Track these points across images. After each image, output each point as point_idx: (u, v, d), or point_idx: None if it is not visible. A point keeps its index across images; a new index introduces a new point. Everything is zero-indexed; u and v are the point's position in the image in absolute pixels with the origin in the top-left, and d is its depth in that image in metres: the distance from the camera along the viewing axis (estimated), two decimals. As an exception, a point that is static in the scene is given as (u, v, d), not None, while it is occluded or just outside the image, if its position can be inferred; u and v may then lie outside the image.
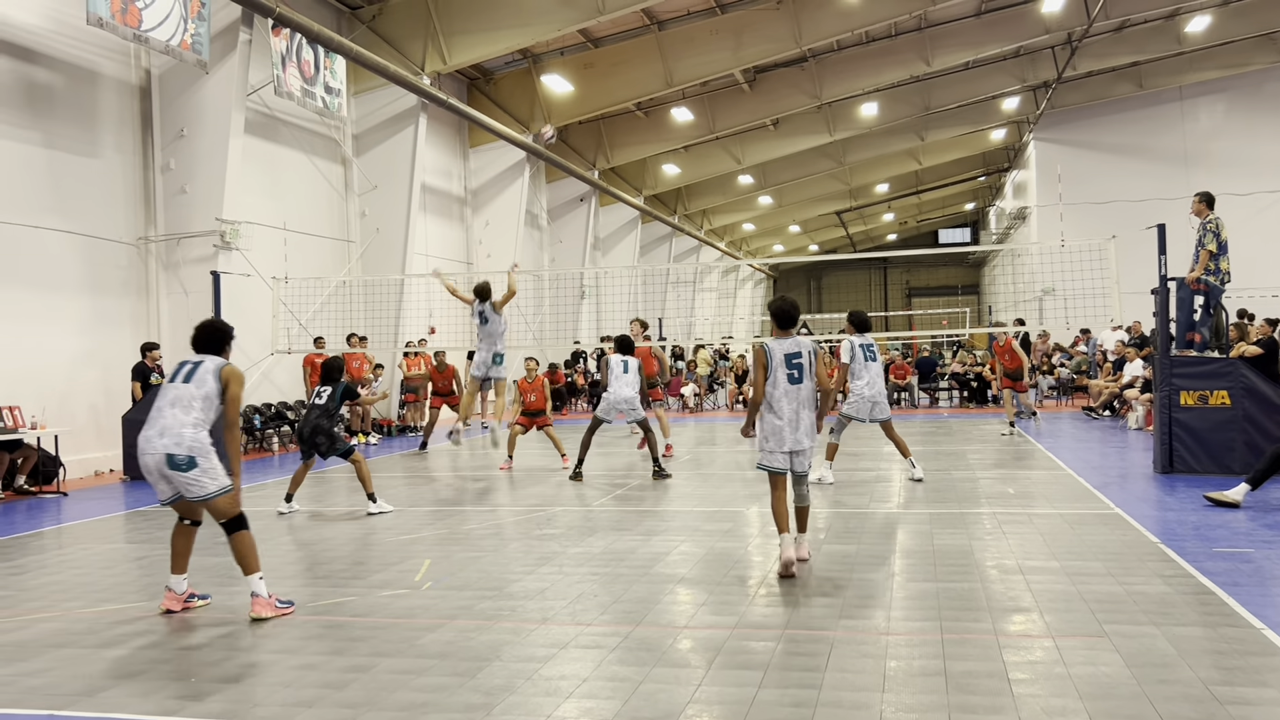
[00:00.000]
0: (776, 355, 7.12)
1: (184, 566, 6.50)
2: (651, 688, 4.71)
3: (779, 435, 7.10)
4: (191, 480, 6.19)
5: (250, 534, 6.36)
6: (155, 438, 6.20)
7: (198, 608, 6.50)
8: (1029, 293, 33.01)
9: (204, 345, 6.58)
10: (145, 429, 6.29)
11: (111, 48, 14.80)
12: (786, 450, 7.12)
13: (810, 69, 27.56)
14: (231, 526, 6.32)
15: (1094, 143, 34.16)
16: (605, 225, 35.02)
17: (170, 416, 6.24)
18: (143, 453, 6.22)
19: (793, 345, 7.17)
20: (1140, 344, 19.56)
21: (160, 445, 6.17)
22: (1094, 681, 4.63)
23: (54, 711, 4.65)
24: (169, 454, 6.14)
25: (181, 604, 6.45)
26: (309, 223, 19.20)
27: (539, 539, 8.55)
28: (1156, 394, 11.75)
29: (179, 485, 6.23)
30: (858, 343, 11.24)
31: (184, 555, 6.50)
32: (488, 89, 25.39)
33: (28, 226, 13.49)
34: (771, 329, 7.39)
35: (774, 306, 7.38)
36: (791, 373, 7.10)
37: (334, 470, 14.01)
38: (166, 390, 6.39)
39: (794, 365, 7.11)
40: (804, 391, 7.15)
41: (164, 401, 6.33)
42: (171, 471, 6.18)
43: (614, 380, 12.44)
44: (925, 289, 63.54)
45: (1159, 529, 8.19)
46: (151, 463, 6.21)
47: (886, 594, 6.33)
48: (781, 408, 7.11)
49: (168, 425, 6.21)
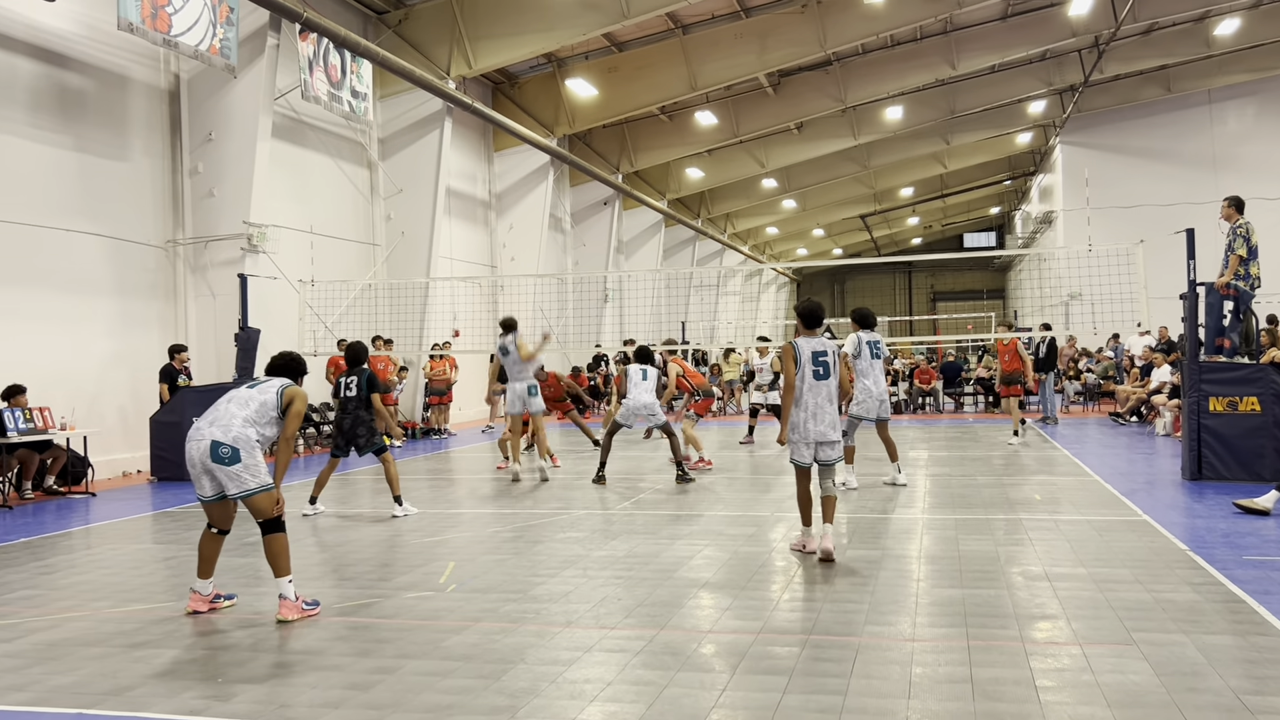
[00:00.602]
0: (804, 352, 7.66)
1: (210, 572, 6.54)
2: (676, 692, 4.71)
3: (803, 429, 7.66)
4: (233, 475, 6.22)
5: (285, 537, 6.37)
6: (205, 425, 6.30)
7: (224, 608, 6.55)
8: (1055, 298, 32.79)
9: (277, 372, 6.80)
10: (198, 421, 6.42)
11: (141, 52, 14.95)
12: (811, 441, 7.66)
13: (835, 72, 27.50)
14: (268, 527, 6.34)
15: (1121, 146, 33.93)
16: (628, 229, 35.06)
17: (224, 410, 6.38)
18: (190, 440, 6.31)
19: (819, 344, 7.72)
20: (1168, 349, 19.39)
21: (209, 433, 6.23)
22: (1122, 690, 4.59)
23: (82, 710, 4.69)
24: (214, 441, 6.19)
25: (208, 605, 6.49)
26: (335, 226, 19.32)
27: (562, 542, 8.56)
28: (1185, 400, 11.64)
29: (222, 480, 6.25)
30: (865, 339, 11.12)
31: (211, 561, 6.54)
32: (512, 93, 25.47)
33: (59, 229, 13.64)
34: (797, 329, 7.89)
35: (801, 307, 7.90)
36: (817, 369, 7.64)
37: (358, 472, 14.08)
38: (229, 394, 6.55)
39: (819, 363, 7.66)
40: (828, 387, 7.69)
41: (222, 400, 6.50)
42: (214, 465, 6.20)
43: (633, 388, 12.48)
44: (950, 293, 63.27)
45: (1188, 536, 8.11)
46: (196, 452, 6.26)
47: (911, 600, 6.30)
48: (805, 401, 7.66)
49: (219, 416, 6.34)
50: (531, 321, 24.83)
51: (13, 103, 13.04)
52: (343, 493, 12.19)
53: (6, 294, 12.90)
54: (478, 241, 25.35)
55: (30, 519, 10.83)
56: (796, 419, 7.66)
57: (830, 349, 7.71)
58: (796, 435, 7.67)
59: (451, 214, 23.20)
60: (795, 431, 7.67)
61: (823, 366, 7.63)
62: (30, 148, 13.28)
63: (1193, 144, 32.97)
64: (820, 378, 7.62)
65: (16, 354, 12.86)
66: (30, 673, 5.28)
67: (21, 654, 5.63)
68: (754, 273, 51.72)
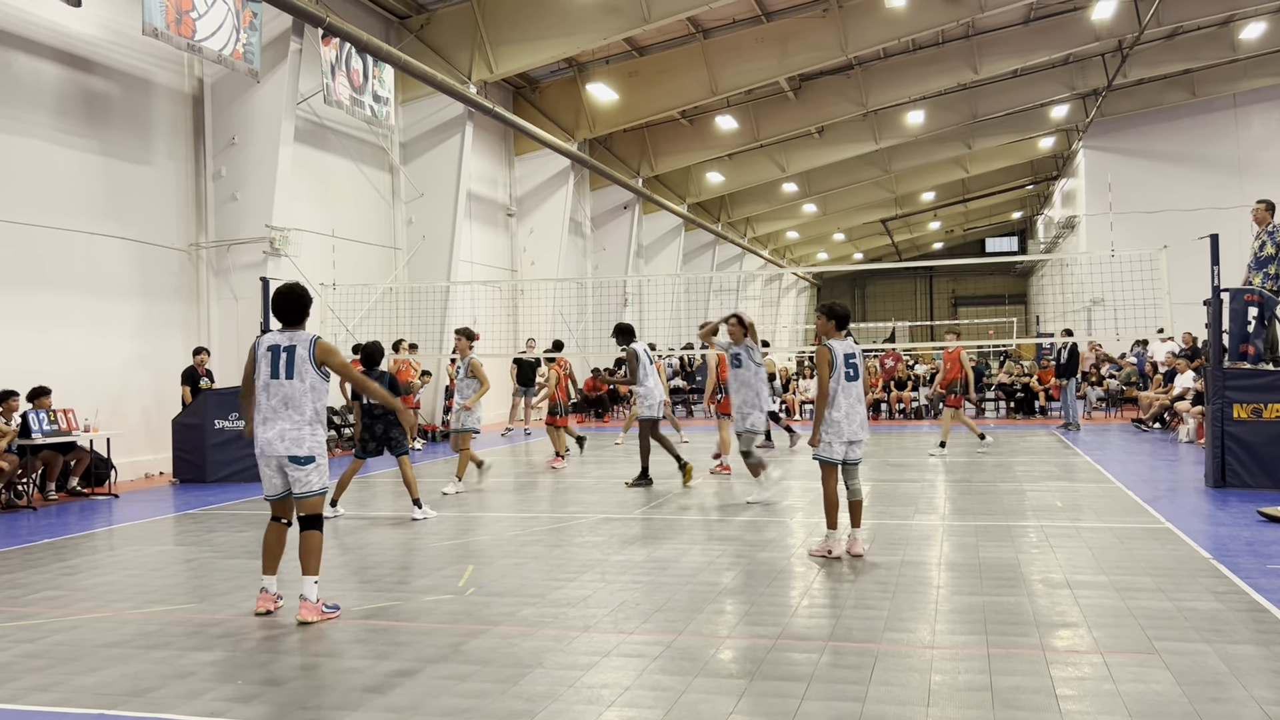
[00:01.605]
0: (839, 354, 7.87)
1: (275, 567, 6.60)
2: (693, 698, 4.70)
3: (837, 427, 7.86)
4: (304, 476, 6.39)
5: (322, 536, 6.47)
6: (276, 441, 6.33)
7: (331, 619, 6.39)
8: (1077, 303, 32.59)
9: (288, 315, 6.53)
10: (263, 429, 6.39)
11: (166, 57, 15.07)
12: (845, 440, 7.89)
13: (856, 76, 27.44)
14: (311, 524, 6.45)
15: (1145, 151, 33.69)
16: (648, 233, 35.07)
17: (287, 419, 6.36)
18: (263, 455, 6.40)
19: (849, 346, 7.95)
20: (1192, 355, 19.25)
21: (282, 449, 6.33)
22: (1144, 699, 4.55)
23: (104, 711, 4.72)
24: (292, 456, 6.34)
25: (274, 604, 6.52)
26: (357, 230, 19.41)
27: (581, 546, 8.56)
28: (1209, 406, 11.55)
29: (292, 479, 6.41)
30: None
31: (277, 556, 6.59)
32: (533, 97, 25.53)
33: (84, 233, 13.77)
34: (820, 329, 8.08)
35: (836, 308, 8.10)
36: (849, 370, 7.88)
37: (377, 475, 14.14)
38: (274, 389, 6.39)
39: (850, 364, 7.91)
40: (858, 388, 7.96)
41: (275, 401, 6.38)
42: (293, 465, 6.37)
43: (649, 377, 12.50)
44: (971, 298, 62.96)
45: (1211, 544, 8.04)
46: (274, 462, 6.41)
47: (931, 607, 6.27)
48: (839, 402, 7.86)
49: (285, 430, 6.34)
50: (550, 325, 24.87)
51: (39, 107, 13.17)
52: (362, 495, 12.24)
53: (32, 296, 13.02)
54: (498, 245, 25.41)
55: (54, 520, 10.92)
56: (832, 420, 7.86)
57: (858, 351, 8.01)
58: (832, 434, 7.87)
59: (472, 218, 23.27)
60: (831, 430, 7.87)
61: (853, 368, 7.92)
62: (57, 152, 13.41)
63: (1217, 148, 32.71)
64: (851, 379, 7.90)
65: (41, 356, 12.97)
66: (53, 673, 5.32)
67: (45, 654, 5.67)
68: (774, 277, 51.61)
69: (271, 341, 6.47)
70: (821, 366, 7.83)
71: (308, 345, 6.41)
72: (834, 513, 7.97)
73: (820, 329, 8.13)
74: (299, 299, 6.53)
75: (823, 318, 8.09)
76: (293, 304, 6.51)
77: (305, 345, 6.40)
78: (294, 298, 6.52)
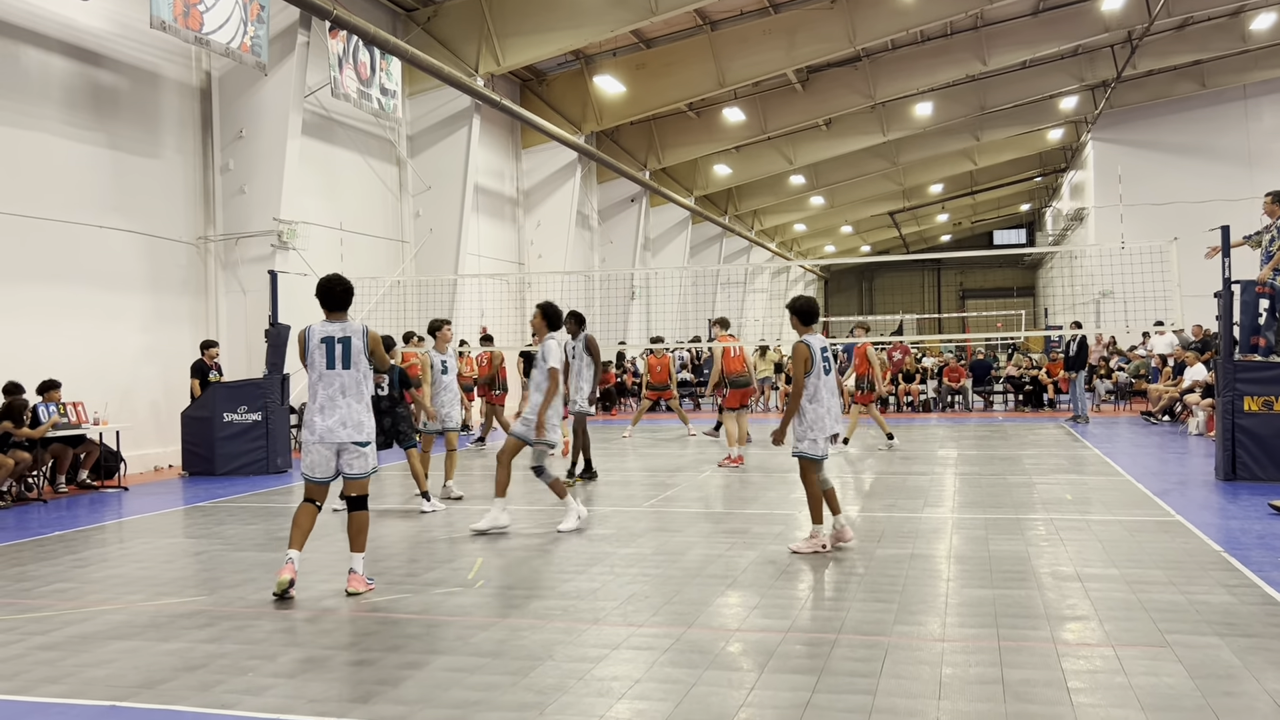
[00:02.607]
0: (816, 349, 7.87)
1: (302, 544, 6.79)
2: (703, 690, 4.70)
3: (822, 423, 7.85)
4: (360, 459, 6.79)
5: (368, 515, 6.93)
6: (338, 429, 6.69)
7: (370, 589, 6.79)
8: (1086, 295, 32.49)
9: (337, 304, 6.88)
10: (323, 417, 6.70)
11: (173, 50, 15.08)
12: (828, 435, 7.89)
13: (864, 68, 27.37)
14: (359, 504, 6.87)
15: (1155, 143, 33.56)
16: (655, 226, 35.04)
17: (347, 407, 6.72)
18: (323, 441, 6.67)
19: (821, 340, 7.98)
20: (1202, 348, 19.18)
21: (345, 435, 6.70)
22: (1156, 692, 4.53)
23: (116, 702, 4.73)
24: (355, 441, 6.73)
25: (294, 573, 6.67)
26: (364, 223, 19.42)
27: (590, 539, 8.56)
28: (1219, 399, 11.50)
29: (346, 460, 6.76)
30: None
31: (306, 534, 6.81)
32: (540, 90, 25.51)
33: (92, 226, 13.79)
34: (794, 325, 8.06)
35: (801, 303, 8.05)
36: (825, 364, 7.90)
37: (387, 468, 14.15)
38: (330, 378, 6.72)
39: (825, 359, 7.93)
40: (834, 381, 8.02)
41: (333, 390, 6.72)
42: (354, 448, 6.74)
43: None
44: (979, 291, 62.82)
45: (1222, 537, 8.01)
46: (335, 447, 6.71)
47: (941, 600, 6.25)
48: (822, 397, 7.87)
49: (347, 416, 6.71)
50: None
51: (48, 100, 13.19)
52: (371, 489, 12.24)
53: (42, 290, 13.05)
54: (505, 239, 25.41)
55: (64, 513, 10.95)
56: (816, 415, 7.82)
57: (827, 344, 8.10)
58: (816, 430, 7.82)
59: (479, 211, 23.27)
60: (815, 427, 7.82)
61: (828, 362, 7.97)
62: (65, 145, 13.43)
63: (1228, 140, 32.57)
64: (827, 372, 7.95)
65: (50, 349, 13.00)
66: (65, 665, 5.33)
67: (56, 646, 5.69)
68: (781, 270, 51.56)
69: (324, 333, 6.77)
70: (798, 364, 7.76)
71: (361, 336, 6.80)
72: (819, 507, 7.91)
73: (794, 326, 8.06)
74: (347, 288, 6.92)
75: (794, 316, 8.02)
76: (341, 293, 6.87)
77: (359, 336, 6.80)
78: (342, 287, 6.89)
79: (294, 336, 6.47)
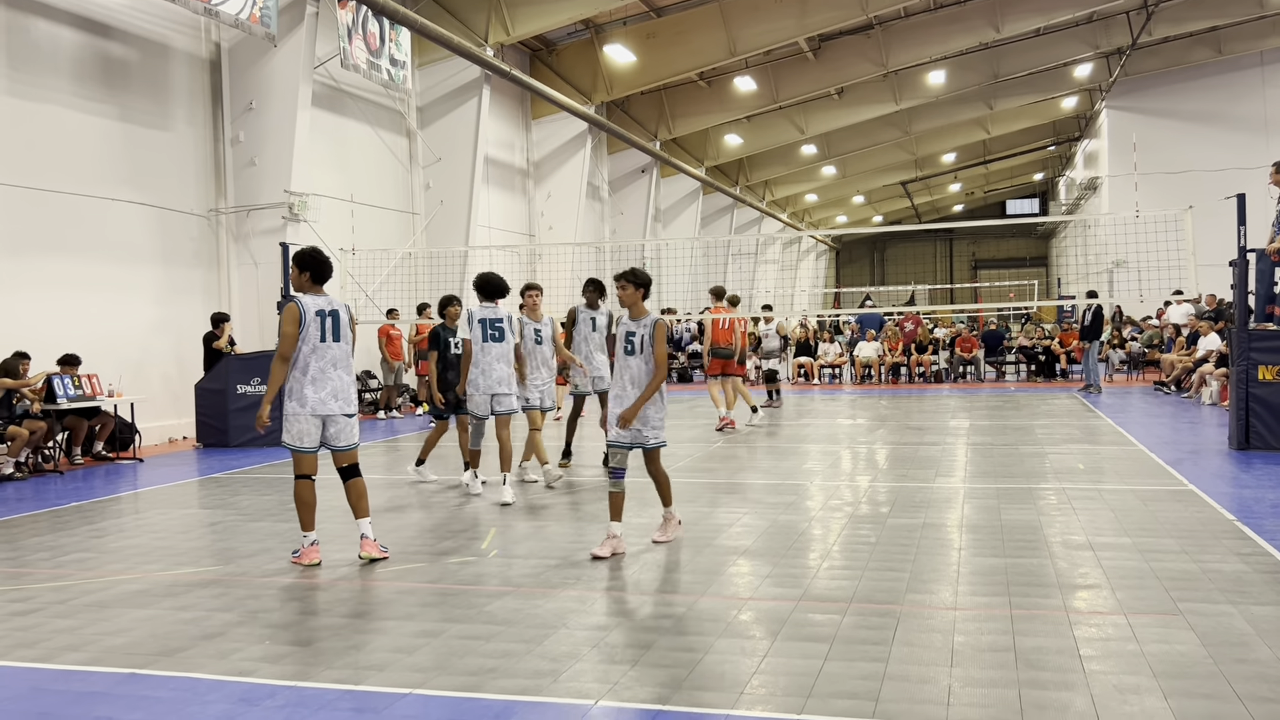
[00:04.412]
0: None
1: (314, 522, 6.90)
2: (715, 658, 4.72)
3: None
4: (347, 428, 6.84)
5: (364, 480, 7.00)
6: (330, 400, 6.74)
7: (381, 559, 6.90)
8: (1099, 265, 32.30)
9: (327, 277, 6.91)
10: (315, 389, 6.71)
11: (182, 22, 15.03)
12: None
13: (876, 36, 27.11)
14: (353, 472, 6.94)
15: (1170, 111, 33.21)
16: (666, 196, 34.90)
17: (338, 379, 6.78)
18: (314, 413, 6.70)
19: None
20: (1215, 317, 19.06)
21: (335, 407, 6.76)
22: (1168, 660, 4.55)
23: (135, 670, 4.79)
24: (344, 413, 6.79)
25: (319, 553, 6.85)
26: (375, 195, 19.40)
27: (602, 508, 8.59)
28: (1233, 368, 11.45)
29: (334, 432, 6.80)
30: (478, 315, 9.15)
31: (313, 509, 6.90)
32: (550, 60, 25.36)
33: (104, 199, 13.80)
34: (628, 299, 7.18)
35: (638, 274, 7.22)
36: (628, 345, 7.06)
37: (404, 438, 14.21)
38: (324, 350, 6.74)
39: (630, 341, 7.03)
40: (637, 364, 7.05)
41: (325, 362, 6.75)
42: (344, 419, 6.80)
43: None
44: (992, 261, 62.51)
45: (1235, 506, 8.00)
46: (321, 419, 6.75)
47: (953, 568, 6.27)
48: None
49: (339, 389, 6.78)
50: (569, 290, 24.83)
51: (58, 73, 13.17)
52: (389, 459, 12.31)
53: (54, 263, 13.08)
54: (516, 210, 25.35)
55: (81, 484, 11.04)
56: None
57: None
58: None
59: (490, 182, 23.20)
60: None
61: (630, 344, 7.07)
62: (76, 118, 13.42)
63: (1244, 107, 32.20)
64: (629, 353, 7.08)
65: (63, 321, 13.06)
66: (84, 633, 5.39)
67: (76, 614, 5.75)
68: (793, 241, 51.37)
69: (316, 306, 6.76)
70: (661, 342, 6.93)
71: (346, 310, 6.88)
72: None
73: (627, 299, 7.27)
74: (329, 262, 6.92)
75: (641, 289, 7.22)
76: (330, 268, 6.91)
77: (345, 310, 6.88)
78: (330, 262, 6.92)
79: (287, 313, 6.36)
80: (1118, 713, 3.98)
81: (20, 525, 8.60)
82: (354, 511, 6.93)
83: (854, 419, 15.77)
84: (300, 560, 6.79)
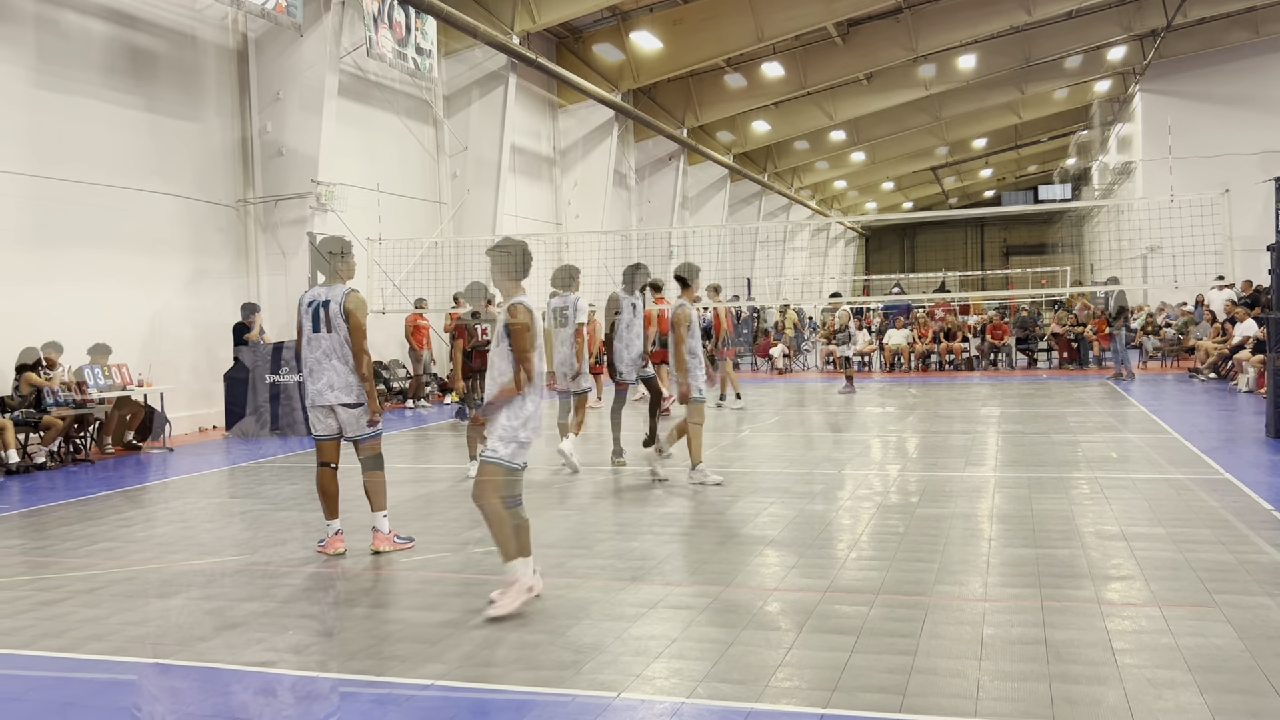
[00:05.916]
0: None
1: (336, 511, 6.90)
2: (741, 650, 4.67)
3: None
4: (354, 419, 6.76)
5: (384, 475, 6.89)
6: (326, 392, 6.71)
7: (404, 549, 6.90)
8: (1133, 251, 31.87)
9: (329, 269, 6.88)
10: (312, 381, 6.74)
11: (210, 13, 15.07)
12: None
13: (906, 20, 26.81)
14: (372, 465, 6.87)
15: (1205, 94, 32.64)
16: (693, 184, 34.75)
17: (332, 370, 6.71)
18: (313, 405, 6.76)
19: None
20: (1252, 303, 18.74)
21: (333, 398, 6.70)
22: (1203, 653, 4.45)
23: (159, 660, 4.80)
24: (343, 403, 6.72)
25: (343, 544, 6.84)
26: (401, 184, 19.41)
27: (626, 499, 8.55)
28: (1270, 355, 11.24)
29: (344, 421, 6.76)
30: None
31: (334, 499, 6.90)
32: (576, 47, 25.27)
33: (133, 190, 13.88)
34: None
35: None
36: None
37: (435, 428, 14.23)
38: (315, 342, 6.72)
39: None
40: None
41: (317, 353, 6.72)
42: (344, 410, 6.73)
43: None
44: (1023, 247, 61.86)
45: (1273, 496, 7.84)
46: (327, 409, 6.77)
47: (983, 559, 6.18)
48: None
49: (334, 379, 6.71)
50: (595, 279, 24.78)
51: (88, 65, 13.24)
52: (415, 449, 12.33)
53: (85, 254, 13.17)
54: (543, 199, 25.31)
55: (110, 473, 11.12)
56: (535, 409, 5.57)
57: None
58: (529, 429, 5.53)
59: (516, 171, 23.17)
60: (529, 425, 5.52)
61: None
62: (105, 109, 13.50)
63: (1282, 90, 31.62)
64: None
65: (93, 312, 13.14)
66: (110, 623, 5.41)
67: (102, 604, 5.77)
68: (821, 228, 51.04)
69: (311, 298, 6.78)
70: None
71: (340, 299, 6.72)
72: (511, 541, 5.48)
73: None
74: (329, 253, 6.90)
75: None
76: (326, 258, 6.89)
77: (338, 299, 6.71)
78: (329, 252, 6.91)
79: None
80: (1151, 708, 3.90)
81: (49, 515, 8.67)
82: (370, 504, 6.92)
83: (883, 407, 15.64)
84: (325, 550, 6.80)
